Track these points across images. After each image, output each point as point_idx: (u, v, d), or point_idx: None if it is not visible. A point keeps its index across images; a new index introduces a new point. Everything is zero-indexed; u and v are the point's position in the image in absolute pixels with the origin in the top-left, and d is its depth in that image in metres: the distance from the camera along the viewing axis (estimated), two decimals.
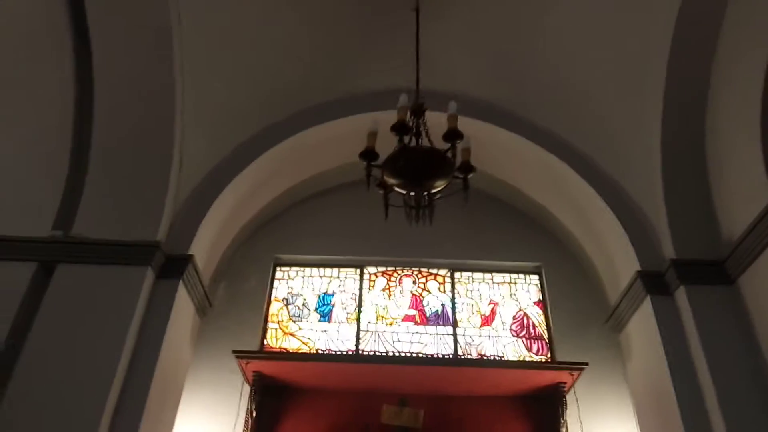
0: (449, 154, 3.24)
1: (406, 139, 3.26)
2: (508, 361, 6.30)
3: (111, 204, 5.35)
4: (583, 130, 5.95)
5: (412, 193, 3.26)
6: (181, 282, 5.35)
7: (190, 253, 5.47)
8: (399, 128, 3.13)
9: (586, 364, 5.53)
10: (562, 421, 5.65)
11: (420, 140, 3.38)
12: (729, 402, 4.36)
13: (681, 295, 4.98)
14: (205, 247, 5.89)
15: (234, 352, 5.61)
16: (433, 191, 3.31)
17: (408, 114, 3.20)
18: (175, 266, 5.36)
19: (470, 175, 3.43)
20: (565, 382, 5.72)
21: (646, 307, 5.19)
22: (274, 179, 6.75)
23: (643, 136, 5.48)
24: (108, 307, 4.86)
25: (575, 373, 5.54)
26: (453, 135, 3.18)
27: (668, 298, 5.12)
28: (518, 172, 6.82)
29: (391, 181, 3.26)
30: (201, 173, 5.96)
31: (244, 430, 5.78)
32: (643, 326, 5.30)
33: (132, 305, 4.95)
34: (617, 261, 5.79)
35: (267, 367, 5.73)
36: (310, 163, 6.98)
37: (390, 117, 3.35)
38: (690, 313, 4.83)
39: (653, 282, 5.20)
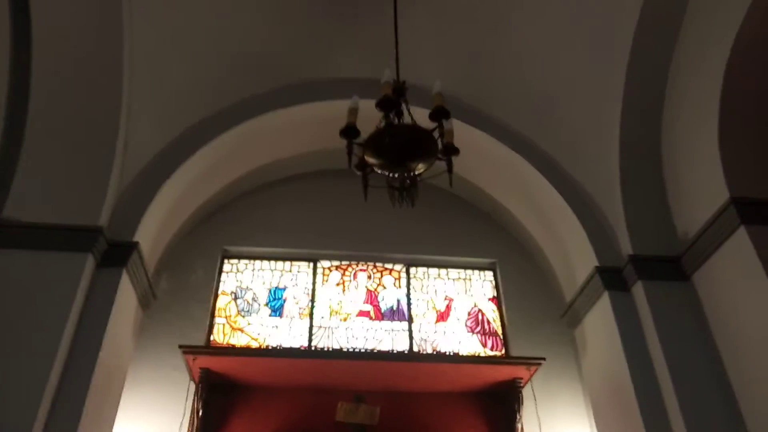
0: (435, 134, 3.09)
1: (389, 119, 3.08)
2: (464, 356, 6.24)
3: (48, 186, 4.88)
4: (545, 130, 5.98)
5: (395, 175, 3.08)
6: (124, 271, 4.95)
7: (135, 240, 5.07)
8: (384, 104, 2.95)
9: (544, 359, 5.54)
10: (518, 417, 5.63)
11: (402, 120, 3.22)
12: (686, 394, 4.45)
13: (638, 290, 5.07)
14: (151, 235, 5.50)
15: (181, 347, 5.24)
16: (417, 173, 3.15)
17: (391, 90, 3.03)
18: (118, 254, 4.96)
19: (454, 157, 3.29)
20: (521, 378, 5.71)
21: (604, 303, 5.26)
22: (226, 166, 6.41)
23: (602, 136, 5.56)
24: (44, 297, 4.42)
25: (532, 368, 5.54)
26: (440, 113, 3.04)
27: (626, 293, 5.20)
28: (479, 169, 6.80)
29: (373, 161, 3.07)
30: (148, 156, 5.56)
31: (189, 430, 5.42)
32: (600, 321, 5.36)
33: (70, 295, 4.53)
34: (574, 258, 5.85)
35: (215, 363, 5.39)
36: (264, 150, 6.68)
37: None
38: (647, 307, 4.92)
39: (611, 277, 5.27)
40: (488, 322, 6.67)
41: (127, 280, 5.04)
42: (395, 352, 6.30)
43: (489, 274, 7.07)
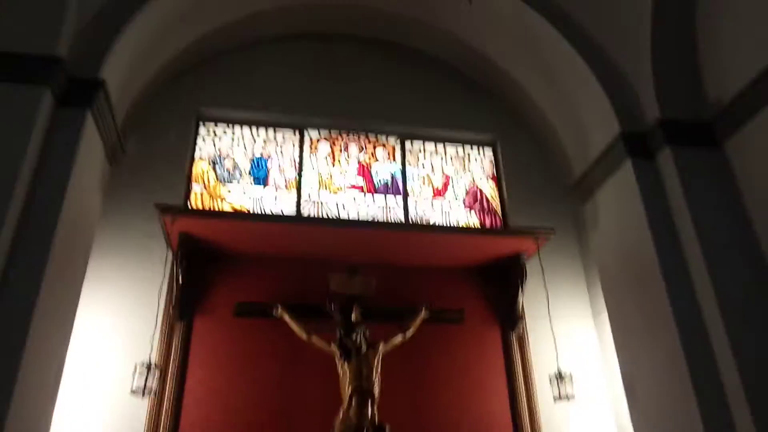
0: None
1: None
2: (469, 227, 5.88)
3: None
4: None
5: None
6: (89, 113, 4.23)
7: (101, 77, 4.31)
8: None
9: (553, 230, 5.21)
10: (521, 291, 5.36)
11: None
12: (715, 265, 4.18)
13: (665, 157, 4.68)
14: (118, 76, 4.71)
15: (157, 206, 4.64)
16: None
17: None
18: (81, 92, 4.23)
19: None
20: (525, 252, 5.40)
21: (625, 172, 4.87)
22: (207, 7, 5.55)
23: None
24: None
25: (540, 240, 5.21)
26: None
27: (650, 162, 4.81)
28: (486, 31, 6.12)
29: None
30: None
31: (168, 300, 4.95)
32: (617, 193, 5.00)
33: (25, 135, 3.82)
34: (590, 127, 5.39)
35: (196, 226, 4.84)
36: None
37: None
38: (675, 175, 4.55)
39: (635, 144, 4.85)
40: (487, 201, 6.27)
41: (92, 125, 4.33)
42: (391, 221, 5.88)
43: (488, 152, 6.59)
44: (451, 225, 5.99)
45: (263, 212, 5.68)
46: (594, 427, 5.18)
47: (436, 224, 5.94)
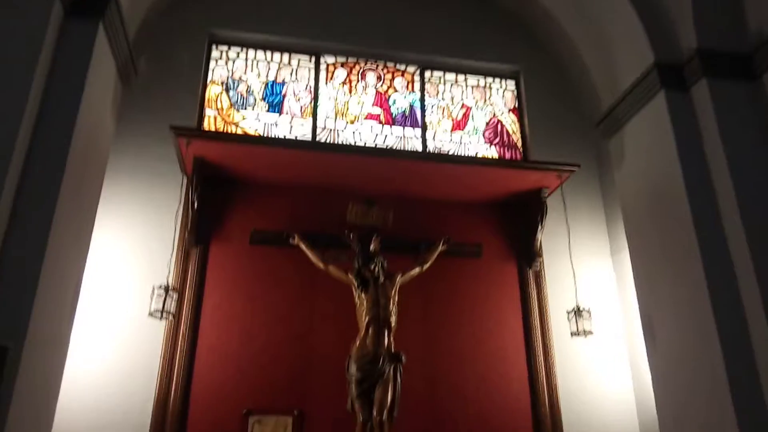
0: None
1: None
2: (492, 159, 5.74)
3: None
4: None
5: None
6: (101, 25, 4.01)
7: None
8: None
9: (578, 165, 5.07)
10: (540, 227, 5.28)
11: None
12: (747, 204, 4.04)
13: (701, 89, 4.46)
14: None
15: (173, 128, 4.49)
16: None
17: None
18: (92, 1, 3.98)
19: None
20: (547, 187, 5.27)
21: (657, 105, 4.66)
22: None
23: None
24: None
25: (564, 175, 5.08)
26: None
27: (684, 94, 4.60)
28: None
29: None
30: None
31: (183, 224, 4.87)
32: (647, 127, 4.81)
33: (35, 46, 3.62)
34: (622, 57, 5.13)
35: (211, 150, 4.70)
36: None
37: None
38: (710, 109, 4.35)
39: (670, 75, 4.62)
40: (508, 134, 6.09)
41: (103, 38, 4.11)
42: (411, 150, 5.72)
43: (511, 83, 6.35)
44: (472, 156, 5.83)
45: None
46: (608, 364, 5.21)
47: (457, 155, 5.78)
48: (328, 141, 5.66)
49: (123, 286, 4.63)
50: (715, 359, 3.88)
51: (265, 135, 5.53)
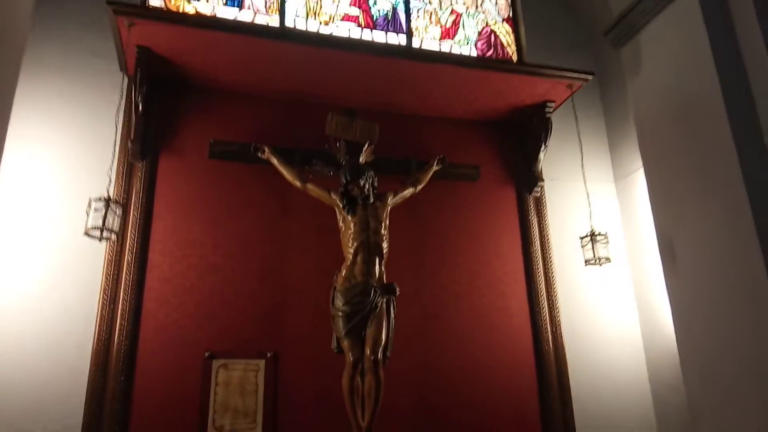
0: None
1: None
2: (494, 60, 5.03)
3: None
4: None
5: None
6: None
7: None
8: None
9: (592, 73, 4.46)
10: (543, 147, 4.67)
11: None
12: None
13: None
14: None
15: (110, 3, 3.51)
16: None
17: None
18: None
19: None
20: (552, 101, 4.65)
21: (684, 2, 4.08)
22: None
23: None
24: None
25: (575, 85, 4.46)
26: None
27: None
28: None
29: None
30: None
31: (124, 131, 3.97)
32: (671, 28, 4.21)
33: None
34: None
35: (160, 36, 3.77)
36: None
37: None
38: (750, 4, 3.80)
39: None
40: (502, 46, 5.38)
41: None
42: (398, 45, 4.93)
43: None
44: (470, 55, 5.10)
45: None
46: (612, 293, 4.76)
47: (452, 53, 5.01)
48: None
49: (52, 204, 3.72)
50: (758, 283, 3.42)
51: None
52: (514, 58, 5.36)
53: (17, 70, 3.55)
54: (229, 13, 4.67)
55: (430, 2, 5.32)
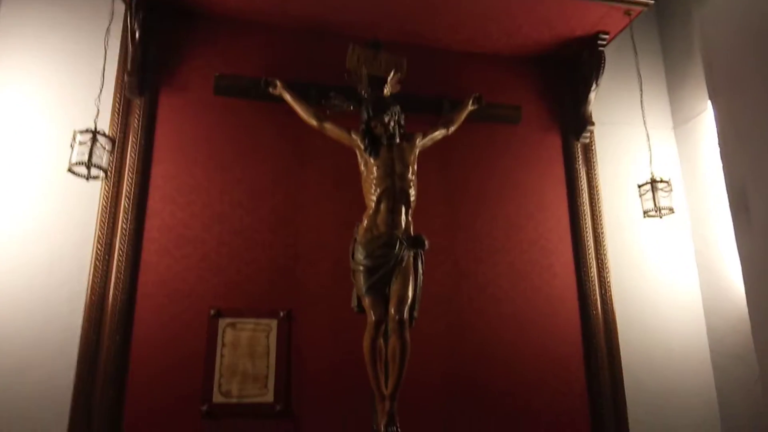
0: None
1: None
2: None
3: None
4: None
5: None
6: None
7: None
8: None
9: None
10: (594, 86, 4.09)
11: None
12: None
13: None
14: None
15: None
16: None
17: None
18: None
19: None
20: (606, 33, 4.05)
21: None
22: None
23: None
24: None
25: (635, 11, 3.84)
26: None
27: None
28: None
29: None
30: None
31: (120, 63, 3.54)
32: None
33: None
34: None
35: None
36: None
37: None
38: None
39: None
40: None
41: None
42: None
43: None
44: None
45: None
46: (670, 252, 4.21)
47: None
48: None
49: (38, 140, 3.32)
50: None
51: None
52: None
53: None
54: None
55: None
